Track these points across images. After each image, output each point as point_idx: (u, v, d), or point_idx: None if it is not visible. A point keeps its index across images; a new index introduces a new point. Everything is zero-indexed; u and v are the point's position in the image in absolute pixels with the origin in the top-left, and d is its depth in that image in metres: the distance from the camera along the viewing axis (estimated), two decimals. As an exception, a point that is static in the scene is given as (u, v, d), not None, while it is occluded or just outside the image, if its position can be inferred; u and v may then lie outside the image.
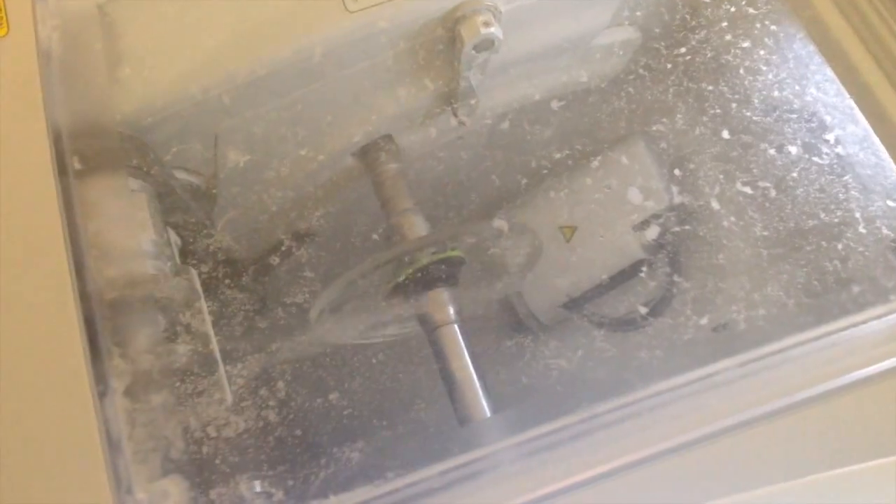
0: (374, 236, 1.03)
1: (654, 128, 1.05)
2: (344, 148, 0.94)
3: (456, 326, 0.87)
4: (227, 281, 0.94)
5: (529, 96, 1.02)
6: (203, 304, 0.83)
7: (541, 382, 1.02)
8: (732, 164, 0.99)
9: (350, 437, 0.73)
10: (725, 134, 0.97)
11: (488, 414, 0.82)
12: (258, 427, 0.77)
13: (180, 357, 0.75)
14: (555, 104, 1.04)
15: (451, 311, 0.87)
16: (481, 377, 0.85)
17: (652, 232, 1.14)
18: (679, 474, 0.63)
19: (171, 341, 0.76)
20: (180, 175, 0.99)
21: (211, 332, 0.81)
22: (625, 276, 1.17)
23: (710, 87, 0.97)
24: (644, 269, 1.17)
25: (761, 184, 0.96)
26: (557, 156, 1.07)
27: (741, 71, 0.95)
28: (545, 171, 1.10)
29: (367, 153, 0.97)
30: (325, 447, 0.74)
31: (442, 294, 0.87)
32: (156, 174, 0.85)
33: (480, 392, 0.83)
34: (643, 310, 1.19)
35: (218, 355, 0.81)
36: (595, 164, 1.16)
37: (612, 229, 1.16)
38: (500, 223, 0.99)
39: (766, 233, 0.95)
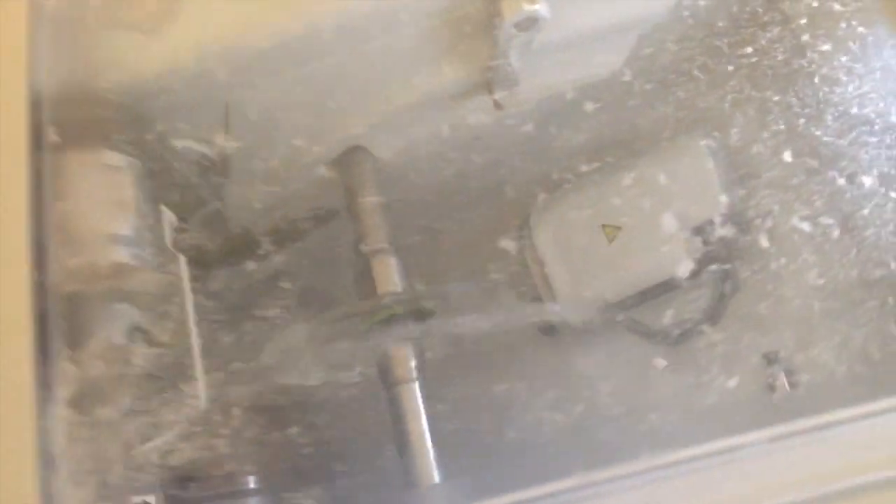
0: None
1: (703, 142, 0.93)
2: (344, 137, 0.85)
3: (416, 385, 0.79)
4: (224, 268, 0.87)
5: (562, 91, 0.90)
6: (187, 298, 0.76)
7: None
8: (791, 192, 0.86)
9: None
10: (787, 156, 0.85)
11: (437, 480, 0.75)
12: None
13: (145, 361, 0.69)
14: (589, 106, 0.92)
15: (413, 367, 0.79)
16: (435, 442, 0.77)
17: (703, 242, 1.03)
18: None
19: (136, 342, 0.70)
20: (187, 145, 0.91)
21: (192, 329, 0.75)
22: (669, 286, 1.06)
23: (776, 97, 0.84)
24: (689, 280, 1.06)
25: (823, 220, 0.83)
26: (584, 167, 0.96)
27: (816, 80, 0.82)
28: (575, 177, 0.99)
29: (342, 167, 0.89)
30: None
31: (404, 349, 0.79)
32: (150, 148, 0.78)
33: (432, 458, 0.75)
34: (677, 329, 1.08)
35: (197, 355, 0.74)
36: (646, 161, 1.05)
37: (660, 234, 1.04)
38: (506, 244, 0.90)
39: (821, 281, 0.83)
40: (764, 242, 0.97)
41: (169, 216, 0.83)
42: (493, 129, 0.98)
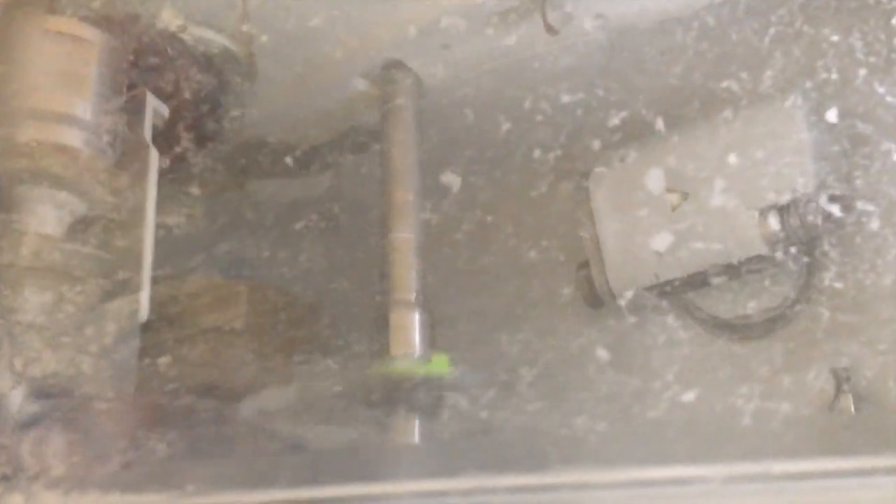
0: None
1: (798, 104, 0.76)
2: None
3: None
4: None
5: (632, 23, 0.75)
6: (149, 201, 0.67)
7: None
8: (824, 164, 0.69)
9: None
10: (831, 115, 0.67)
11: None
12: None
13: (81, 261, 0.61)
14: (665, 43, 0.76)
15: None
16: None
17: (783, 223, 0.86)
18: None
19: (76, 239, 0.61)
20: (205, 34, 0.83)
21: (146, 237, 0.66)
22: (736, 269, 0.90)
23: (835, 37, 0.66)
24: (762, 267, 0.89)
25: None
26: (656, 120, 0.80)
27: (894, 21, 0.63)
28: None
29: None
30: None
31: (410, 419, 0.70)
32: (131, 28, 0.70)
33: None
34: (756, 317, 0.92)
35: (147, 264, 0.66)
36: (728, 116, 0.88)
37: (733, 208, 0.88)
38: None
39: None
40: (874, 224, 0.80)
41: (156, 106, 0.75)
42: (548, 64, 0.85)
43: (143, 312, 0.65)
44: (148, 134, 0.72)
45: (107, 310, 0.63)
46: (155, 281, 0.88)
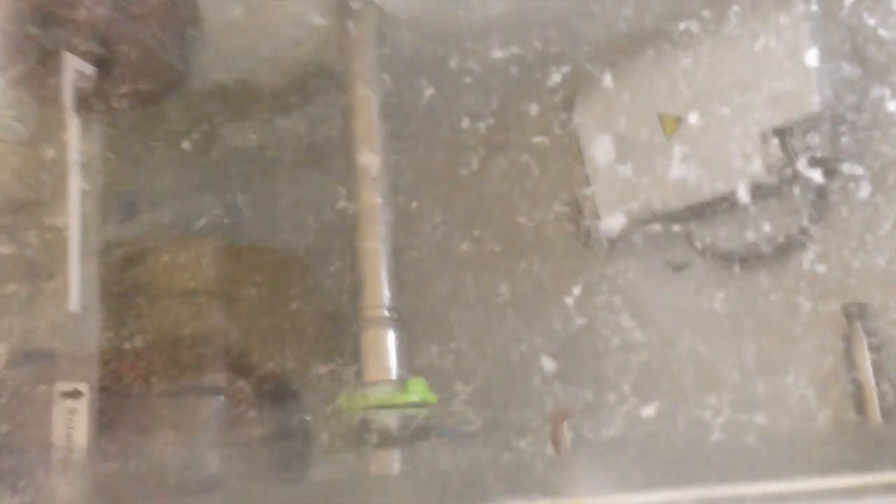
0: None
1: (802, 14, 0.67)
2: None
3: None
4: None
5: None
6: (72, 182, 0.61)
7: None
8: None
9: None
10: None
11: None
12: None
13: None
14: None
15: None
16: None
17: (785, 147, 0.78)
18: None
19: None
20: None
21: (72, 219, 0.60)
22: (731, 202, 0.83)
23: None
24: (763, 197, 0.82)
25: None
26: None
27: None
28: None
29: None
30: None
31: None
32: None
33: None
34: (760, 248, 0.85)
35: (75, 251, 0.60)
36: (726, 30, 0.79)
37: (731, 133, 0.80)
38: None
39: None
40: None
41: (77, 67, 0.67)
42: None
43: (74, 303, 0.59)
44: (68, 99, 0.65)
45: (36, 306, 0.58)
46: (118, 244, 0.83)
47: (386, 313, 0.78)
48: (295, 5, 0.85)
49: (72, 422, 0.74)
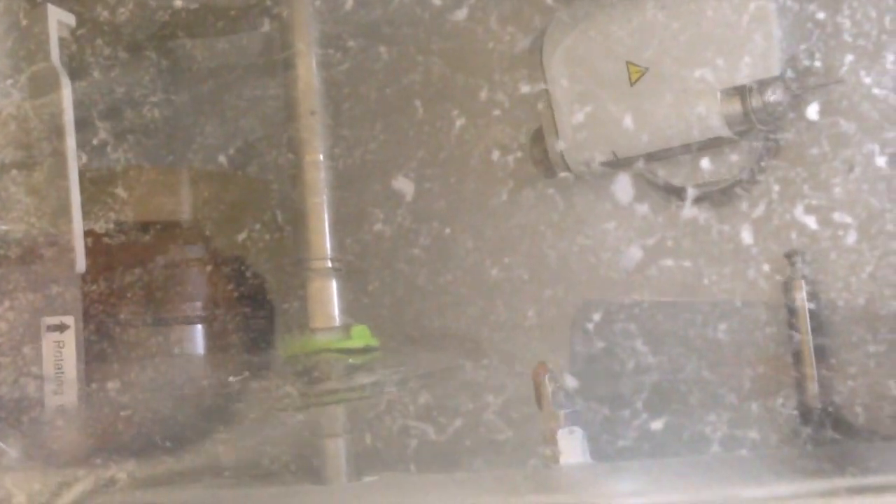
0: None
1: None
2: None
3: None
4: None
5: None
6: (68, 149, 0.60)
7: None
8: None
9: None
10: None
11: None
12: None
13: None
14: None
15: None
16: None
17: (745, 104, 0.83)
18: None
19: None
20: None
21: (74, 185, 0.60)
22: (689, 150, 0.88)
23: None
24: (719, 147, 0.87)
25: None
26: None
27: None
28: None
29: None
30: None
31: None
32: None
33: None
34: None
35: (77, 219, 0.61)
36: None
37: (694, 86, 0.84)
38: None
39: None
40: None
41: (60, 18, 0.66)
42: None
43: (80, 264, 0.61)
44: (55, 54, 0.64)
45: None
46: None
47: (329, 264, 0.83)
48: None
49: (60, 354, 0.76)
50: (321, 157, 0.84)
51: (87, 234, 0.72)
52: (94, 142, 0.75)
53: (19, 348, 0.70)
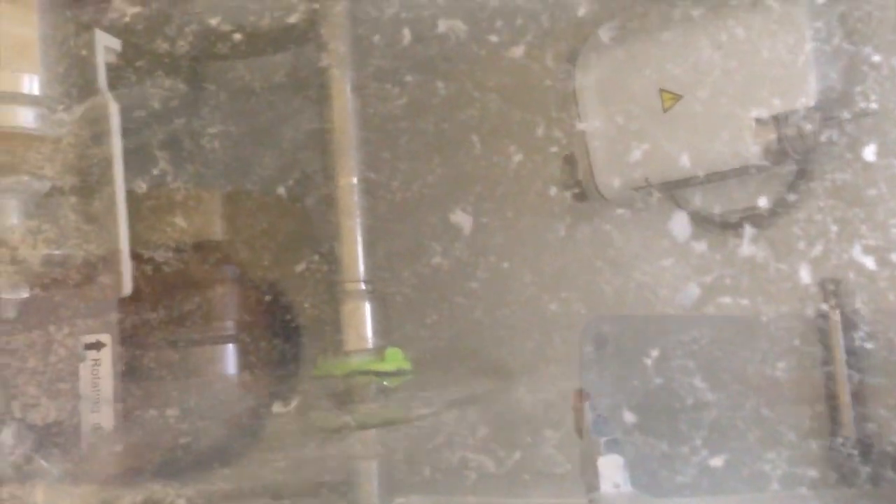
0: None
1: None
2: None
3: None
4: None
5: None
6: (116, 172, 0.62)
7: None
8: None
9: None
10: None
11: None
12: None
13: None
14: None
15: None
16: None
17: (779, 132, 0.83)
18: None
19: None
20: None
21: (119, 213, 0.62)
22: (722, 177, 0.88)
23: None
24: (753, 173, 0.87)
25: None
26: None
27: None
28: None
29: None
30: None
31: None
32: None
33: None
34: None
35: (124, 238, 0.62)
36: (732, 19, 0.82)
37: (727, 114, 0.85)
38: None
39: None
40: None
41: (107, 44, 0.67)
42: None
43: (127, 287, 0.63)
44: (102, 80, 0.65)
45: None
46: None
47: (363, 286, 0.83)
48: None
49: (97, 372, 0.78)
50: (355, 180, 0.85)
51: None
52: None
53: (75, 371, 0.71)
